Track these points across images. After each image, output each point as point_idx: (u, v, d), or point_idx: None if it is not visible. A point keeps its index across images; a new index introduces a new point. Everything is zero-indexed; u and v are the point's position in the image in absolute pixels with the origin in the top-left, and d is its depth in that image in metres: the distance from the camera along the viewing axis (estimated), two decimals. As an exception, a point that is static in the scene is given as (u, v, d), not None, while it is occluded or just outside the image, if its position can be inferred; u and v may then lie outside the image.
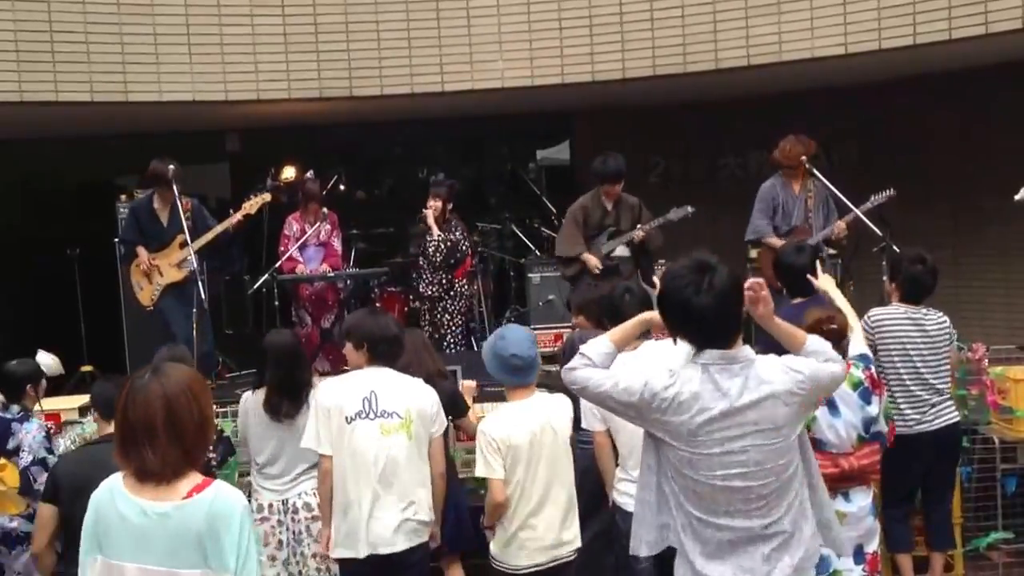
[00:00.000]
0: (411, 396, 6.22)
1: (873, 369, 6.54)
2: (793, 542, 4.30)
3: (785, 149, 10.16)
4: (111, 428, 4.66)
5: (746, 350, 4.28)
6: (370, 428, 6.09)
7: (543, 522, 6.04)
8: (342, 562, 6.28)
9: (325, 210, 11.74)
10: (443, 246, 11.22)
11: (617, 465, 6.42)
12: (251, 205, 10.66)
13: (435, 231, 11.23)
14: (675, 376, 4.22)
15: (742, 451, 4.16)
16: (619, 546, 5.95)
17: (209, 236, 10.37)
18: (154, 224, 10.40)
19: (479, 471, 6.08)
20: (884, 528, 7.59)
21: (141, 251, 10.41)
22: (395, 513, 6.10)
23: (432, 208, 11.28)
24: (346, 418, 6.11)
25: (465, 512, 7.39)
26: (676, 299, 4.23)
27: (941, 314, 7.61)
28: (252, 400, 7.04)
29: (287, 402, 6.84)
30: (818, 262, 7.58)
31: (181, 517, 3.70)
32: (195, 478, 3.80)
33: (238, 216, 10.58)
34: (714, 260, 4.28)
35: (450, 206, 11.40)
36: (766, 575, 4.24)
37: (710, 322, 4.20)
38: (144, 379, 3.82)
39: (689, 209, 10.39)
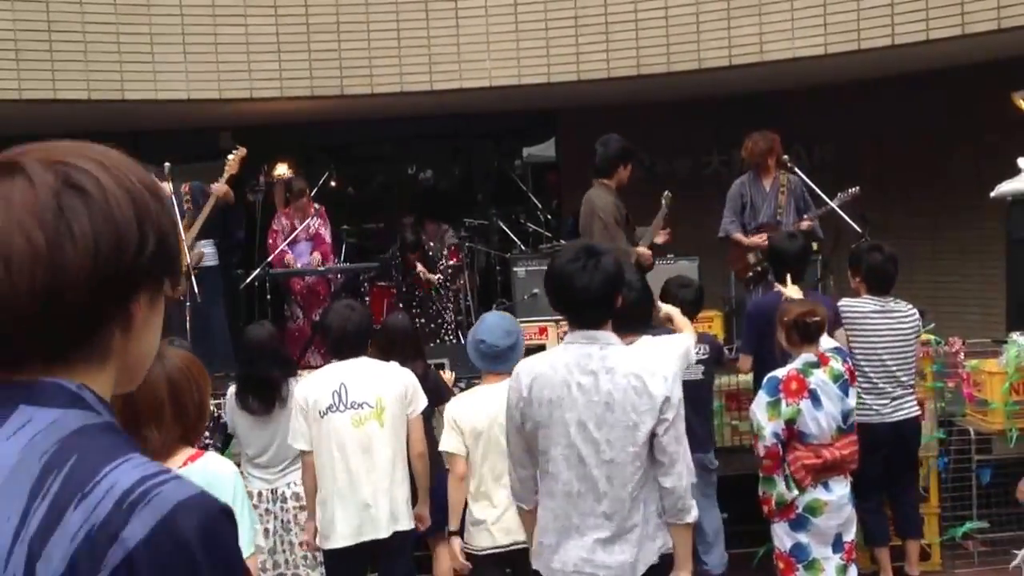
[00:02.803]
0: (381, 383, 6.29)
1: (850, 361, 6.68)
2: None
3: (747, 147, 10.23)
4: None
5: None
6: (342, 420, 6.18)
7: (502, 504, 5.92)
8: (325, 552, 6.41)
9: (317, 206, 11.90)
10: (445, 278, 11.60)
11: None
12: (230, 166, 10.63)
13: (432, 278, 11.56)
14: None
15: None
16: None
17: (205, 211, 10.39)
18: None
19: (442, 445, 6.18)
20: (860, 521, 7.77)
21: None
22: (372, 502, 6.20)
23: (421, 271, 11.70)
24: (319, 413, 6.21)
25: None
26: (561, 275, 4.44)
27: (910, 306, 7.73)
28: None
29: (252, 396, 6.90)
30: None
31: None
32: (188, 451, 4.05)
33: (219, 184, 10.54)
34: (602, 247, 4.57)
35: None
36: None
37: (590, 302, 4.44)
38: None
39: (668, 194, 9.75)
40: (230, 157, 10.55)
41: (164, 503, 1.46)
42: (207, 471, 3.99)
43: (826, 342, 6.72)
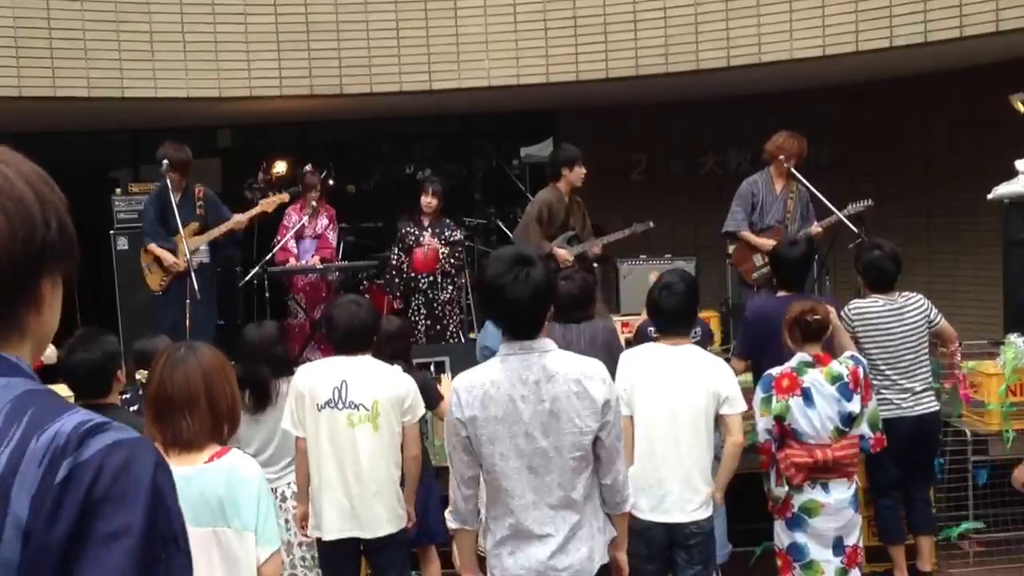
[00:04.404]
0: (380, 387, 6.25)
1: (862, 370, 6.61)
2: None
3: (777, 142, 10.07)
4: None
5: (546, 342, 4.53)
6: (338, 418, 6.17)
7: None
8: (317, 542, 6.43)
9: (314, 204, 11.91)
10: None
11: None
12: (269, 203, 10.70)
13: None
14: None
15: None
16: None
17: (223, 229, 10.36)
18: (169, 211, 10.24)
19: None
20: (876, 517, 7.82)
21: (155, 249, 10.28)
22: (360, 501, 6.21)
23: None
24: (317, 405, 6.19)
25: (436, 501, 7.26)
26: (493, 286, 4.41)
27: (918, 297, 7.75)
28: None
29: (251, 395, 6.86)
30: None
31: (202, 480, 4.07)
32: (214, 446, 4.17)
33: (255, 211, 10.61)
34: (534, 255, 4.51)
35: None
36: None
37: (520, 312, 4.42)
38: (180, 354, 4.20)
39: (650, 224, 10.49)
40: (269, 198, 10.62)
41: (110, 436, 1.70)
42: (234, 468, 4.14)
43: (847, 352, 6.77)
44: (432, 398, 7.34)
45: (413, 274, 11.15)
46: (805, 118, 13.38)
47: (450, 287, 11.46)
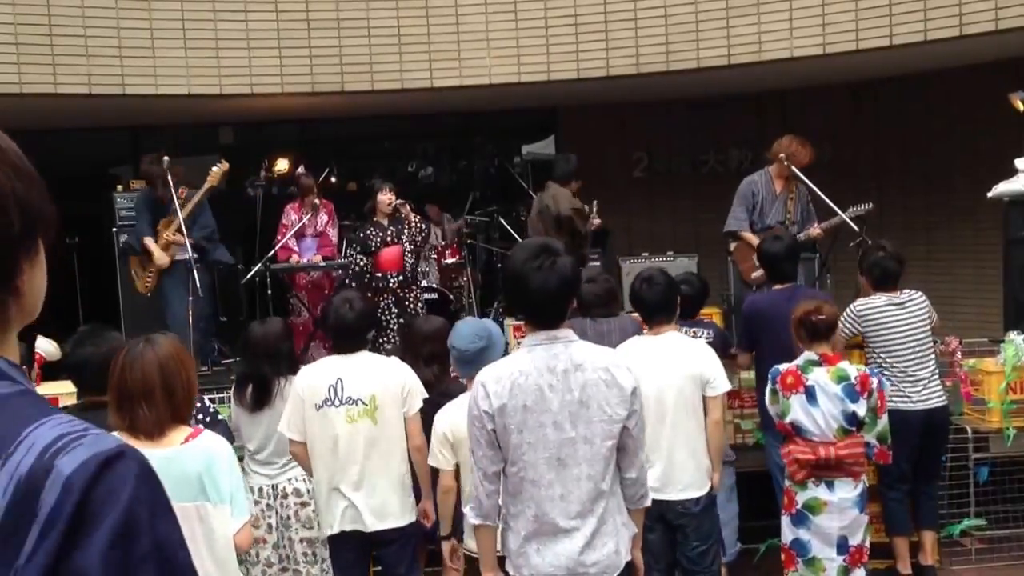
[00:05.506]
0: (376, 380, 6.26)
1: (875, 381, 6.61)
2: None
3: (787, 147, 10.05)
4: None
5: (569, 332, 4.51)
6: (337, 415, 6.18)
7: None
8: (328, 537, 6.43)
9: (316, 201, 11.91)
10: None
11: None
12: (213, 177, 10.55)
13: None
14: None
15: None
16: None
17: (183, 214, 10.25)
18: (159, 212, 10.38)
19: (429, 460, 6.10)
20: (884, 511, 7.88)
21: (151, 245, 10.36)
22: (364, 496, 6.22)
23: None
24: (315, 405, 6.20)
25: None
26: (518, 274, 4.39)
27: (919, 294, 7.84)
28: None
29: (252, 392, 6.89)
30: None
31: (182, 460, 4.39)
32: (186, 428, 4.49)
33: (204, 187, 10.50)
34: (559, 246, 4.49)
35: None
36: None
37: (545, 301, 4.39)
38: (139, 347, 4.46)
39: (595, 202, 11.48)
40: (214, 169, 10.58)
41: (86, 450, 1.52)
42: (209, 446, 4.49)
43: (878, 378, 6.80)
44: None
45: (380, 274, 11.01)
46: (805, 117, 13.42)
47: (421, 283, 11.45)
